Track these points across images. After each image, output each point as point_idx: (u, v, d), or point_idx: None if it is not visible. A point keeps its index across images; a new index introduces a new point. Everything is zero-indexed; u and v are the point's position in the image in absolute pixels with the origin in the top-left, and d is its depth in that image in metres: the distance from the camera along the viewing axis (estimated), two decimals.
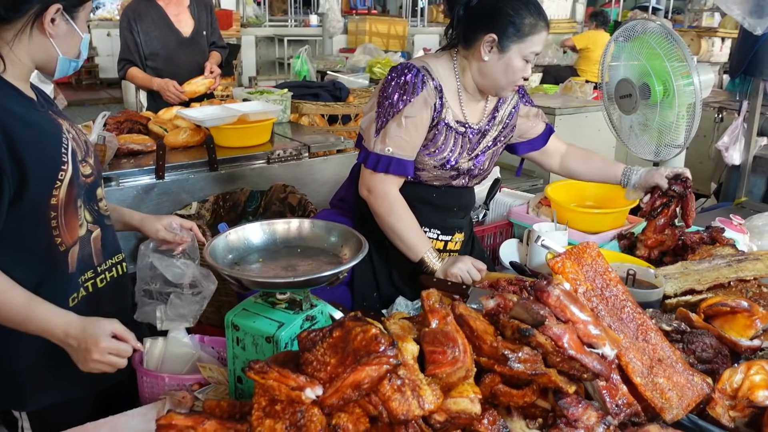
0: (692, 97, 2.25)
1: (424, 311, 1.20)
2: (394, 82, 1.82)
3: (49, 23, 1.39)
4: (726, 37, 8.67)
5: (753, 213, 2.53)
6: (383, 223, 1.86)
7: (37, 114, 1.47)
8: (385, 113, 1.82)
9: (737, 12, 2.88)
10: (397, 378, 1.01)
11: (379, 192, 1.85)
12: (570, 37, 7.95)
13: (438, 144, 1.86)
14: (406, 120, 1.79)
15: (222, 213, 2.77)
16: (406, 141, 1.81)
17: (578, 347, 1.14)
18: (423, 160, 1.87)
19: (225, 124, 2.96)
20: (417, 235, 1.87)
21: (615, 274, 1.35)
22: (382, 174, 1.83)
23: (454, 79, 1.87)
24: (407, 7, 11.91)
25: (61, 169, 1.45)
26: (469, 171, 1.95)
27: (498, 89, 1.87)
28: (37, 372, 1.54)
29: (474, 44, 1.81)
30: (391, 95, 1.81)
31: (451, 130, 1.87)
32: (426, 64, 1.85)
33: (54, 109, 1.56)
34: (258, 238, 1.42)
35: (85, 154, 1.57)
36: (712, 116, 4.88)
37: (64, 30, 1.42)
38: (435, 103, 1.82)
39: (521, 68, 1.81)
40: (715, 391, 1.25)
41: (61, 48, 1.44)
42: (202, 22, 3.79)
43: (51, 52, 1.44)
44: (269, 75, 9.59)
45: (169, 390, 1.45)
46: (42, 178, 1.42)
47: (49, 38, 1.41)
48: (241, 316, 1.29)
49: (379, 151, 1.82)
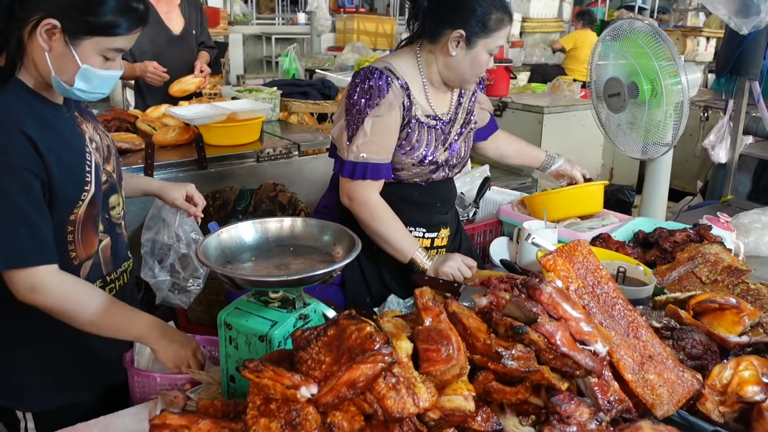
0: (680, 96, 2.27)
1: (418, 309, 1.20)
2: (359, 88, 1.81)
3: (42, 34, 1.32)
4: (711, 37, 8.75)
5: (739, 211, 2.56)
6: (368, 229, 1.86)
7: (62, 123, 1.44)
8: (354, 120, 1.81)
9: (723, 12, 2.91)
10: (392, 376, 1.01)
11: (360, 199, 1.85)
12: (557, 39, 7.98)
13: (412, 141, 1.87)
14: (375, 123, 1.79)
15: (212, 212, 2.76)
16: (379, 145, 1.81)
17: (570, 344, 1.15)
18: (401, 160, 1.88)
19: (214, 123, 2.95)
20: (403, 236, 1.87)
21: (606, 272, 1.37)
22: (360, 180, 1.83)
23: (419, 74, 1.88)
24: (395, 6, 11.91)
25: (84, 189, 1.45)
26: (447, 162, 1.96)
27: (463, 82, 1.90)
28: (42, 373, 1.53)
29: (440, 39, 1.82)
30: (358, 101, 1.80)
31: (423, 126, 1.87)
32: (389, 64, 1.85)
33: (80, 109, 1.54)
34: (250, 237, 1.41)
35: (105, 160, 1.55)
36: (698, 115, 4.93)
37: (61, 50, 1.33)
38: (403, 102, 1.82)
39: (486, 61, 1.84)
40: (705, 386, 1.26)
41: (53, 65, 1.35)
42: (192, 21, 3.78)
43: (45, 66, 1.36)
44: (257, 73, 9.55)
45: (161, 389, 1.45)
46: (64, 200, 1.42)
47: (43, 50, 1.34)
48: (234, 315, 1.29)
49: (353, 158, 1.82)
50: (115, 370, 1.60)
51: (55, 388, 1.55)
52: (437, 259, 1.86)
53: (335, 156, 1.92)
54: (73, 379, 1.57)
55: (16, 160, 1.31)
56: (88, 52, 1.35)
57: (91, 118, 1.58)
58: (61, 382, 1.56)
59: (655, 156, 2.46)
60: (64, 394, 1.56)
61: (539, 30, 9.44)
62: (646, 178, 2.76)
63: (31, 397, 1.54)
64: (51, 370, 1.54)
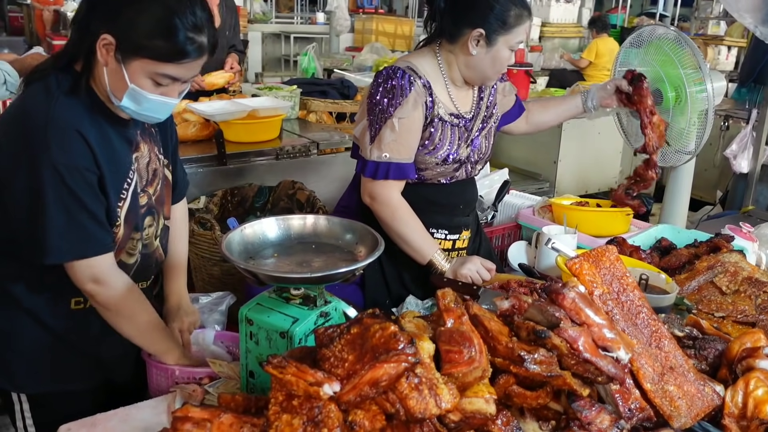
0: (704, 104, 2.25)
1: (440, 310, 1.20)
2: (382, 88, 1.81)
3: (101, 48, 1.35)
4: (732, 46, 8.67)
5: (760, 222, 2.54)
6: (388, 228, 1.86)
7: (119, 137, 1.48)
8: (377, 120, 1.81)
9: (749, 21, 2.88)
10: (414, 376, 1.01)
11: (382, 198, 1.85)
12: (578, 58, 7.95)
13: (435, 141, 1.86)
14: (398, 123, 1.78)
15: (230, 208, 2.78)
16: (402, 144, 1.81)
17: (593, 350, 1.14)
18: (424, 159, 1.87)
19: (234, 119, 2.96)
20: (423, 238, 1.87)
21: (632, 279, 1.35)
22: (382, 180, 1.83)
23: (440, 73, 1.88)
24: (414, 8, 11.90)
25: (117, 205, 1.48)
26: (468, 158, 1.95)
27: (485, 80, 1.90)
28: (39, 356, 1.55)
29: (459, 39, 1.81)
30: (381, 101, 1.80)
31: (446, 124, 1.87)
32: (410, 63, 1.84)
33: (143, 130, 1.56)
34: (273, 234, 1.42)
35: (148, 183, 1.58)
36: (718, 124, 4.88)
37: (114, 66, 1.36)
38: (426, 101, 1.82)
39: (508, 58, 1.83)
40: (725, 417, 1.23)
41: (109, 80, 1.39)
42: (226, 23, 3.92)
43: (104, 79, 1.40)
44: (275, 72, 9.58)
45: (179, 383, 1.46)
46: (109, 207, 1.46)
47: (102, 64, 1.38)
48: (255, 311, 1.29)
49: (376, 158, 1.81)
50: (116, 367, 1.63)
51: (51, 374, 1.58)
52: (456, 261, 1.86)
53: (357, 156, 1.92)
54: (71, 368, 1.59)
55: (78, 160, 1.37)
56: (136, 73, 1.36)
57: (152, 141, 1.60)
58: (57, 369, 1.58)
59: (677, 164, 2.44)
60: (60, 380, 1.58)
61: (558, 35, 9.41)
62: (667, 186, 2.73)
63: (25, 379, 1.57)
64: (47, 356, 1.56)
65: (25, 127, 1.37)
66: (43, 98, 1.38)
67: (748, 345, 1.33)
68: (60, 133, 1.35)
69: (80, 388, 1.60)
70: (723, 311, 1.76)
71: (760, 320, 1.70)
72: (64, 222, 1.37)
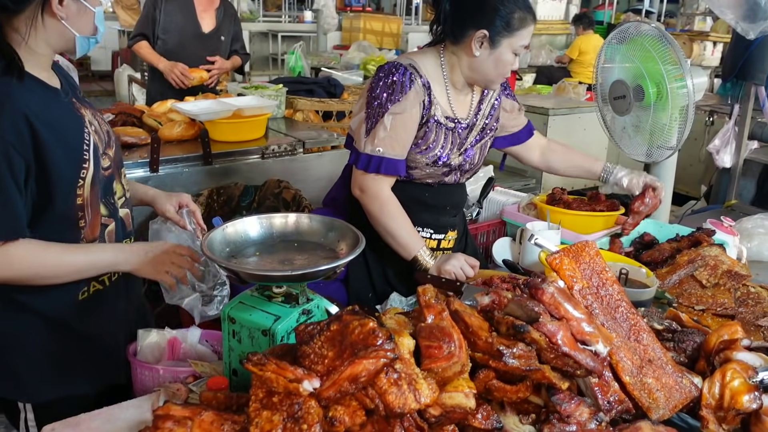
0: (685, 100, 2.27)
1: (420, 306, 1.21)
2: (382, 82, 1.82)
3: (57, 6, 1.36)
4: (717, 41, 8.75)
5: (743, 215, 2.56)
6: (376, 222, 1.87)
7: (60, 106, 1.45)
8: (374, 113, 1.82)
9: (731, 16, 2.91)
10: (393, 372, 1.02)
11: (372, 192, 1.86)
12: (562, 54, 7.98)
13: (429, 141, 1.87)
14: (395, 119, 1.80)
15: (216, 207, 2.78)
16: (396, 141, 1.82)
17: (572, 344, 1.16)
18: (415, 158, 1.88)
19: (220, 119, 2.96)
20: (410, 233, 1.88)
21: (612, 274, 1.37)
22: (373, 174, 1.84)
23: (442, 75, 1.88)
24: (401, 5, 11.91)
25: (82, 167, 1.45)
26: (460, 166, 1.96)
27: (488, 82, 1.90)
28: (43, 365, 1.54)
29: (463, 40, 1.82)
30: (380, 95, 1.81)
31: (441, 127, 1.88)
32: (413, 61, 1.85)
33: (77, 96, 1.54)
34: (255, 232, 1.42)
35: (106, 145, 1.56)
36: (702, 119, 4.92)
37: (75, 9, 1.39)
38: (424, 101, 1.83)
39: (511, 61, 1.83)
40: (702, 408, 1.24)
41: (75, 28, 1.41)
42: (223, 27, 3.91)
43: (67, 35, 1.41)
44: (263, 70, 9.56)
45: (164, 382, 1.46)
46: (65, 178, 1.42)
47: (61, 21, 1.38)
48: (238, 309, 1.30)
49: (369, 151, 1.83)
50: (118, 368, 1.62)
51: (55, 381, 1.56)
52: (440, 258, 1.87)
53: (351, 147, 1.93)
54: (74, 372, 1.58)
55: (6, 134, 1.31)
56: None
57: (89, 105, 1.58)
58: (61, 375, 1.56)
59: (659, 159, 2.46)
60: (63, 386, 1.57)
61: (545, 32, 9.46)
62: None
63: (31, 388, 1.55)
64: (51, 363, 1.55)
65: None
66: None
67: (725, 337, 1.35)
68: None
69: (84, 393, 1.58)
70: (703, 304, 1.78)
71: (739, 313, 1.73)
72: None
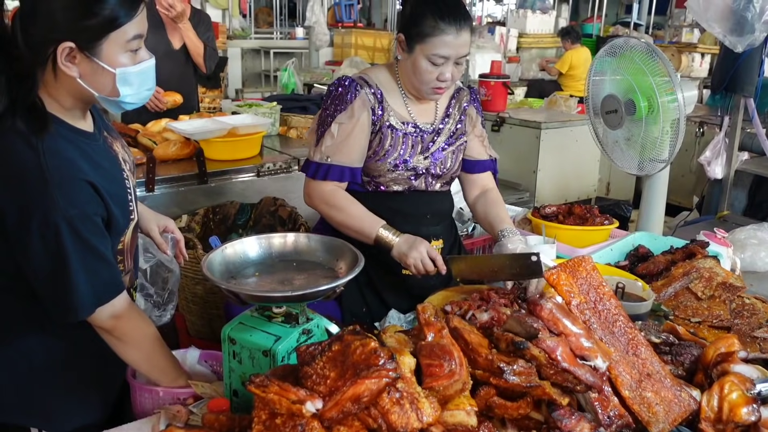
0: (676, 113, 2.30)
1: (420, 324, 1.22)
2: (331, 95, 1.90)
3: (64, 63, 1.27)
4: (706, 53, 8.83)
5: (735, 226, 2.58)
6: (330, 219, 1.91)
7: (99, 152, 1.42)
8: (322, 124, 1.90)
9: (718, 30, 2.95)
10: (395, 391, 1.02)
11: (316, 194, 1.91)
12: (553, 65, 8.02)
13: (385, 147, 1.90)
14: (341, 128, 1.86)
15: (212, 226, 2.77)
16: (341, 148, 1.86)
17: (571, 360, 1.17)
18: (376, 167, 1.90)
19: (215, 137, 2.97)
20: (362, 218, 1.86)
21: (609, 289, 1.38)
22: (320, 180, 1.89)
23: (396, 84, 1.94)
24: (392, 21, 11.99)
25: (129, 218, 1.47)
26: (428, 170, 1.95)
27: (417, 90, 1.89)
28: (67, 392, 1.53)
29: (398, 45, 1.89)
30: (329, 107, 1.89)
31: (396, 132, 1.90)
32: (364, 74, 1.94)
33: (107, 128, 1.53)
34: (254, 252, 1.43)
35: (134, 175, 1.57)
36: (693, 131, 4.97)
37: (89, 68, 1.29)
38: (373, 107, 1.87)
39: (428, 71, 1.81)
40: (702, 422, 1.25)
41: (92, 86, 1.32)
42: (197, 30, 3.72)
43: (84, 91, 1.32)
44: (255, 87, 9.58)
45: (164, 404, 1.45)
46: (117, 229, 1.44)
47: (75, 78, 1.30)
48: (238, 330, 1.30)
49: (318, 159, 1.89)
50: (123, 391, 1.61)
51: (75, 410, 1.54)
52: (402, 239, 1.80)
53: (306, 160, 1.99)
54: (93, 399, 1.56)
55: (87, 207, 1.33)
56: (112, 55, 1.30)
57: (116, 135, 1.57)
58: (83, 402, 1.55)
59: (651, 172, 2.49)
60: (82, 415, 1.55)
61: (535, 45, 9.52)
62: (643, 194, 2.79)
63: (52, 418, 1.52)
64: (71, 393, 1.52)
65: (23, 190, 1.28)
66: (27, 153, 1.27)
67: (722, 350, 1.36)
68: (62, 187, 1.28)
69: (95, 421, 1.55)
70: (699, 316, 1.79)
71: (735, 324, 1.74)
72: (85, 279, 1.33)
